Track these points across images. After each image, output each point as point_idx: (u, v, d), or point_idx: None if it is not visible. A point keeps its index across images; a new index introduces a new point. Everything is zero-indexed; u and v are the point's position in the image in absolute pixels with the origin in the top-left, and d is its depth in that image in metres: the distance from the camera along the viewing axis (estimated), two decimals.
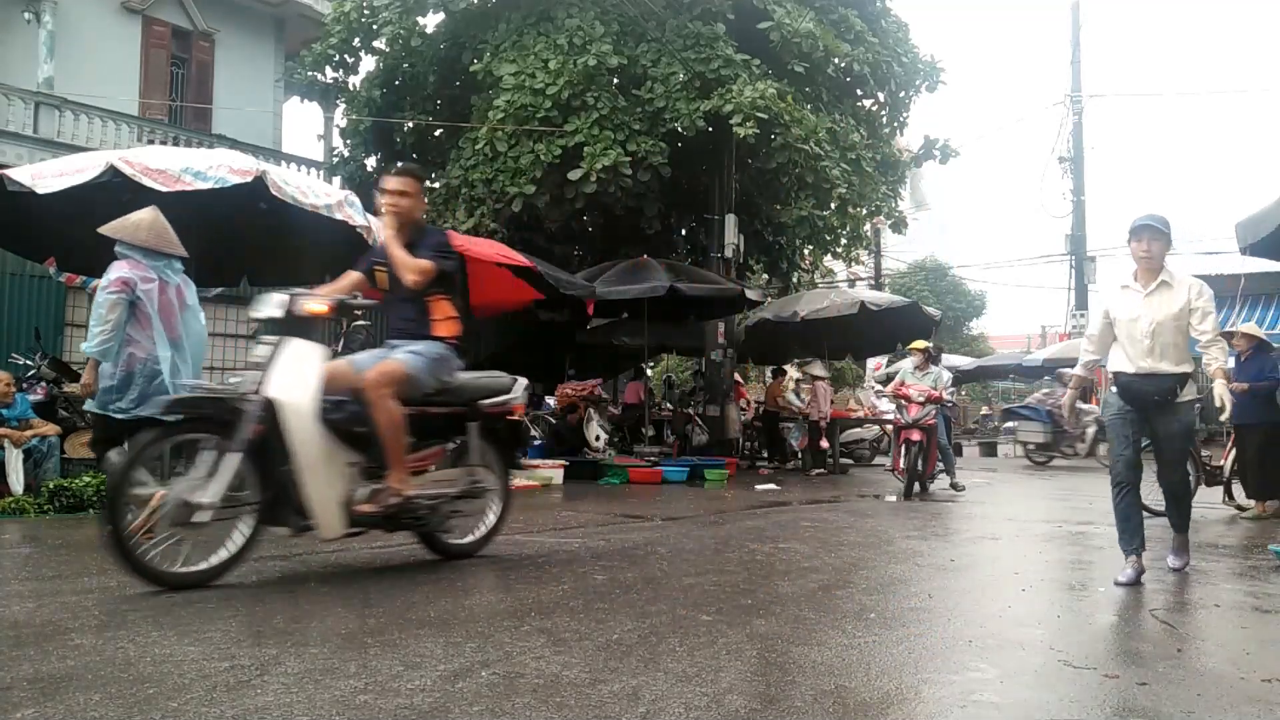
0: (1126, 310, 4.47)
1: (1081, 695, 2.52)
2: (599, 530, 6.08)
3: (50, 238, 8.16)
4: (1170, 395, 4.34)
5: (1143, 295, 4.42)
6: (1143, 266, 4.48)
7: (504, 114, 11.99)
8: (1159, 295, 4.40)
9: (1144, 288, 4.44)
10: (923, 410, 9.21)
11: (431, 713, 2.26)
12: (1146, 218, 4.45)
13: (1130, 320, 4.43)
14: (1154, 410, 4.41)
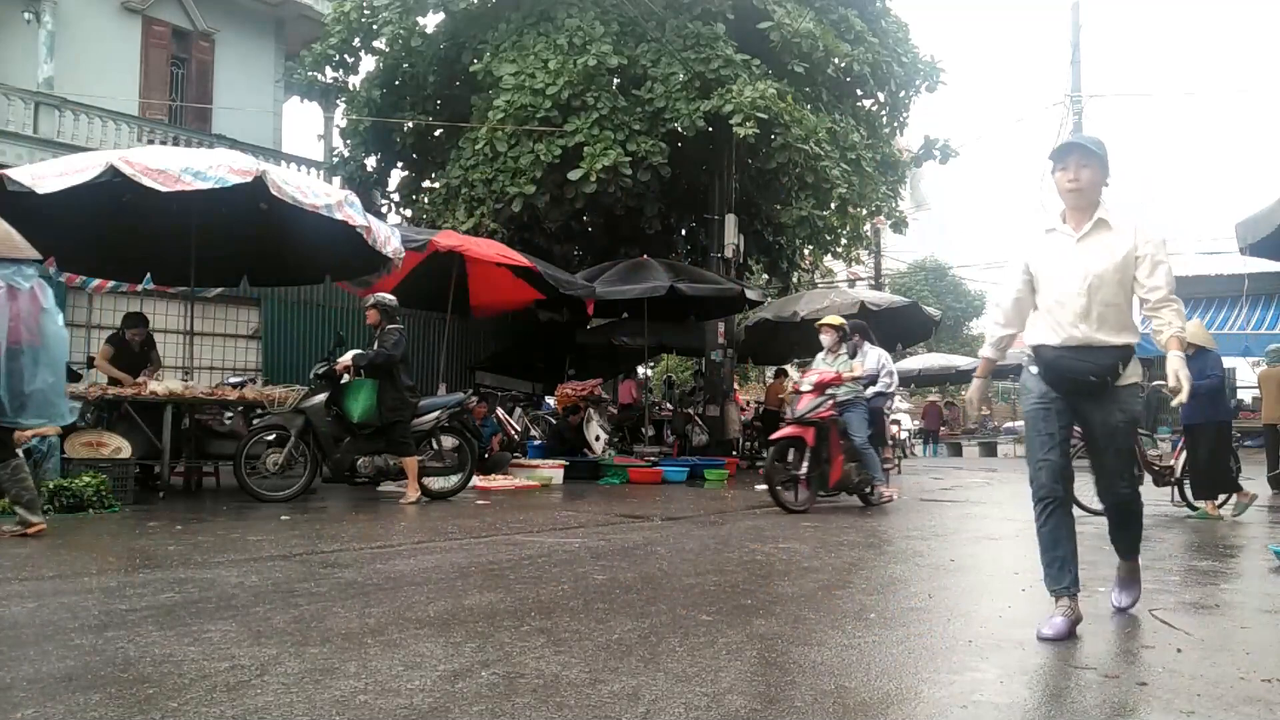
0: (1053, 262, 3.35)
1: (1081, 695, 2.52)
2: (599, 530, 6.08)
3: (50, 238, 8.15)
4: (1110, 375, 3.26)
5: (1074, 241, 3.33)
6: (1071, 202, 3.35)
7: (504, 114, 12.00)
8: (1096, 240, 3.31)
9: (1075, 231, 3.34)
10: (815, 401, 7.43)
11: (431, 713, 2.26)
12: (1074, 137, 3.50)
13: (1058, 276, 3.32)
14: (1088, 398, 3.32)
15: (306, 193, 7.21)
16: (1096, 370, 3.28)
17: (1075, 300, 3.27)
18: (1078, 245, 3.32)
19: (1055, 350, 3.32)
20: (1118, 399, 3.32)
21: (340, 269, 9.23)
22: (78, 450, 7.06)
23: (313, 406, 7.53)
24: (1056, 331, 3.32)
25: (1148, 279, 3.26)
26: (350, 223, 7.43)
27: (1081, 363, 3.28)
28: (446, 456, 8.19)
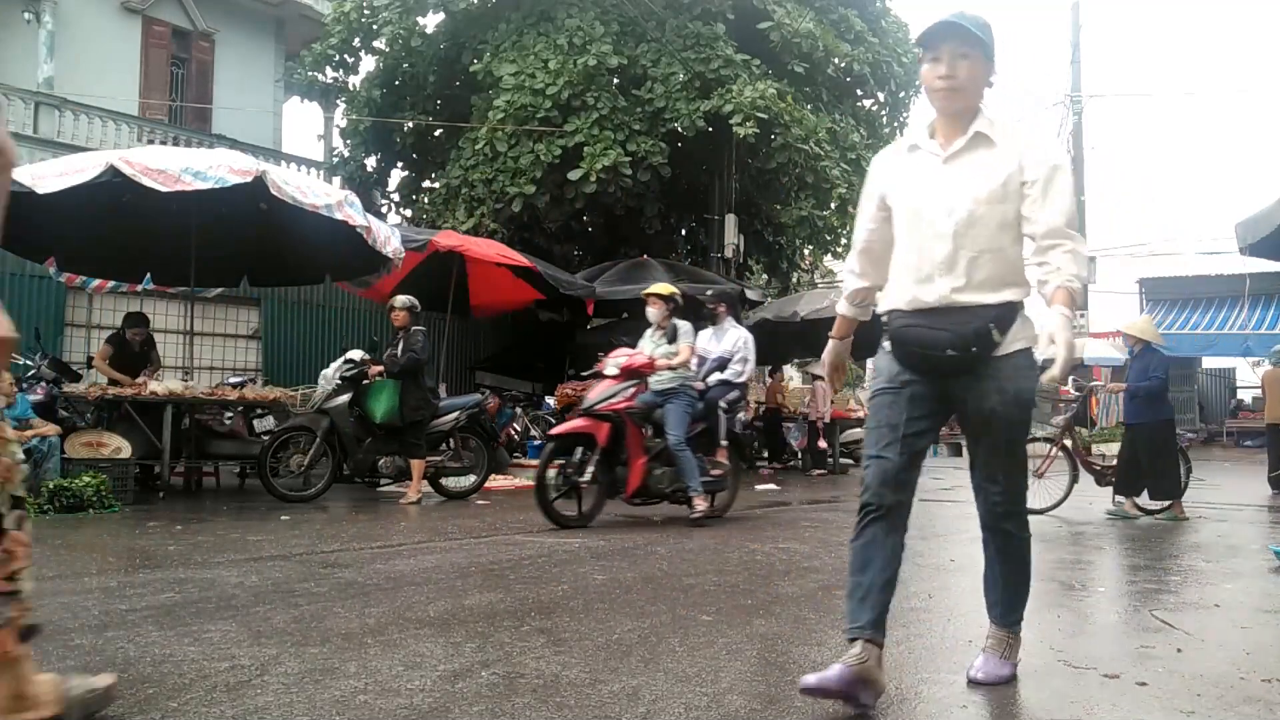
0: (912, 192, 2.49)
1: (1081, 695, 2.52)
2: (599, 530, 6.08)
3: (50, 238, 8.17)
4: (978, 346, 2.38)
5: (940, 162, 2.46)
6: (943, 106, 2.46)
7: (504, 114, 12.00)
8: (970, 162, 2.44)
9: (944, 147, 2.47)
10: (611, 390, 6.20)
11: (431, 713, 2.26)
12: (951, 15, 2.41)
13: (917, 210, 2.47)
14: (956, 378, 2.46)
15: (306, 193, 7.21)
16: (957, 340, 2.38)
17: (937, 245, 2.41)
18: (945, 168, 2.44)
19: (905, 317, 2.48)
20: (996, 375, 2.40)
21: (340, 269, 9.23)
22: (78, 450, 7.06)
23: (337, 407, 7.54)
24: (912, 290, 2.46)
25: (1037, 211, 2.35)
26: (350, 223, 7.43)
27: (936, 331, 2.41)
28: (465, 456, 8.25)
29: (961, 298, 2.40)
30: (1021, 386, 2.42)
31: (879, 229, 2.60)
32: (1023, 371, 2.43)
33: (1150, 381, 7.39)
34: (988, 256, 2.40)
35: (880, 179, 2.61)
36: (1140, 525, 6.99)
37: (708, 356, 7.12)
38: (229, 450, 8.64)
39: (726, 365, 7.07)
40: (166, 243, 8.64)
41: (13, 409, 6.85)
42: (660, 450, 6.41)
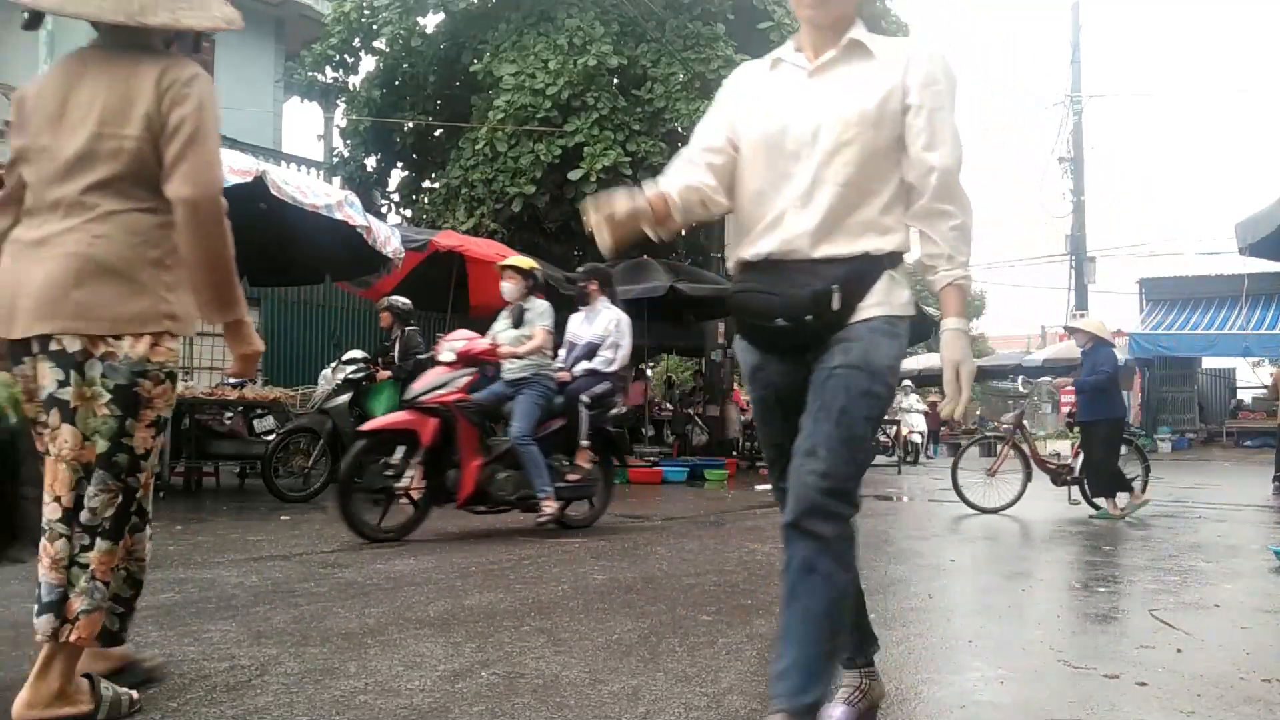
0: (769, 113, 1.98)
1: (1081, 695, 2.52)
2: (599, 530, 6.08)
3: None
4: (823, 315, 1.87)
5: (807, 75, 1.99)
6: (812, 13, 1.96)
7: (504, 114, 12.00)
8: (842, 75, 1.96)
9: (812, 59, 2.00)
10: (440, 379, 5.45)
11: (431, 713, 2.26)
12: None
13: (774, 133, 1.95)
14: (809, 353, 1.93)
15: (306, 193, 7.20)
16: (789, 306, 1.88)
17: (794, 176, 1.91)
18: (811, 83, 1.97)
19: (743, 277, 2.01)
20: (844, 337, 1.89)
21: (340, 269, 9.23)
22: None
23: (337, 408, 7.50)
24: (756, 238, 1.96)
25: (921, 148, 1.87)
26: (350, 223, 7.43)
27: (768, 295, 1.92)
28: None
29: (809, 246, 1.89)
30: (873, 352, 1.86)
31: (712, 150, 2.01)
32: (877, 337, 1.87)
33: (1096, 377, 7.36)
34: (852, 194, 1.88)
35: (730, 102, 2.06)
36: (1138, 525, 6.98)
37: (577, 342, 6.31)
38: (229, 450, 8.63)
39: (594, 352, 6.19)
40: None
41: None
42: (505, 451, 5.61)
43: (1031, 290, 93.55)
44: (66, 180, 2.05)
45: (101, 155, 2.04)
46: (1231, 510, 8.03)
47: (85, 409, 2.02)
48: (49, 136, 2.08)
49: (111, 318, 2.00)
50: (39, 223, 2.06)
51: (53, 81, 2.14)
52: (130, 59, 2.09)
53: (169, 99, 2.04)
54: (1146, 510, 7.55)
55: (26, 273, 2.02)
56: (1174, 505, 8.36)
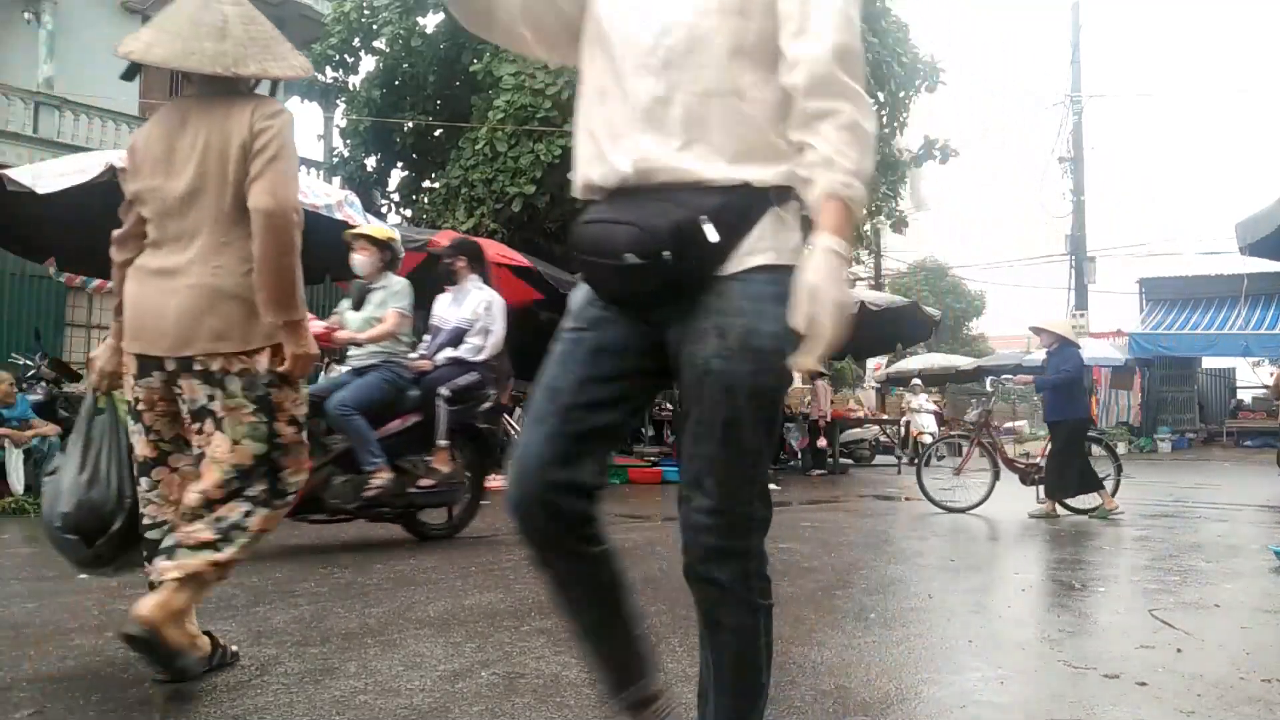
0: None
1: (1081, 695, 2.52)
2: None
3: (50, 238, 8.15)
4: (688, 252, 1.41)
5: None
6: None
7: (504, 114, 12.00)
8: None
9: None
10: None
11: (431, 713, 2.26)
12: None
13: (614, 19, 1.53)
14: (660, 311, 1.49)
15: (306, 193, 7.21)
16: (641, 239, 1.44)
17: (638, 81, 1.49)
18: None
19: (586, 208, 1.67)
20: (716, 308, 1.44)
21: (340, 269, 9.21)
22: None
23: None
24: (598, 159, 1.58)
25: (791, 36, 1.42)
26: (350, 223, 7.43)
27: (615, 226, 1.51)
28: None
29: (669, 164, 1.45)
30: (756, 330, 1.42)
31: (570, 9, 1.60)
32: (762, 305, 1.42)
33: (1056, 376, 7.33)
34: (719, 106, 1.44)
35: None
36: (1133, 526, 6.98)
37: (443, 327, 5.58)
38: None
39: (460, 338, 5.47)
40: None
41: (12, 409, 6.86)
42: (344, 451, 4.84)
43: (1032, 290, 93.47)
44: (180, 215, 2.37)
45: (208, 191, 2.35)
46: (1231, 510, 8.03)
47: (231, 418, 2.38)
48: (160, 178, 2.39)
49: (239, 337, 2.35)
50: (162, 254, 2.41)
51: (157, 129, 2.44)
52: (225, 103, 2.39)
53: (257, 129, 2.34)
54: (1148, 510, 7.55)
55: (159, 301, 2.36)
56: (1174, 505, 8.36)
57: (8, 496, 6.44)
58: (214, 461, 2.39)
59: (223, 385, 2.37)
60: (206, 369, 2.36)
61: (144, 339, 2.39)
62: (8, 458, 6.60)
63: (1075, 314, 22.75)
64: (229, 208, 2.36)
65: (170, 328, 2.34)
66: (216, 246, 2.36)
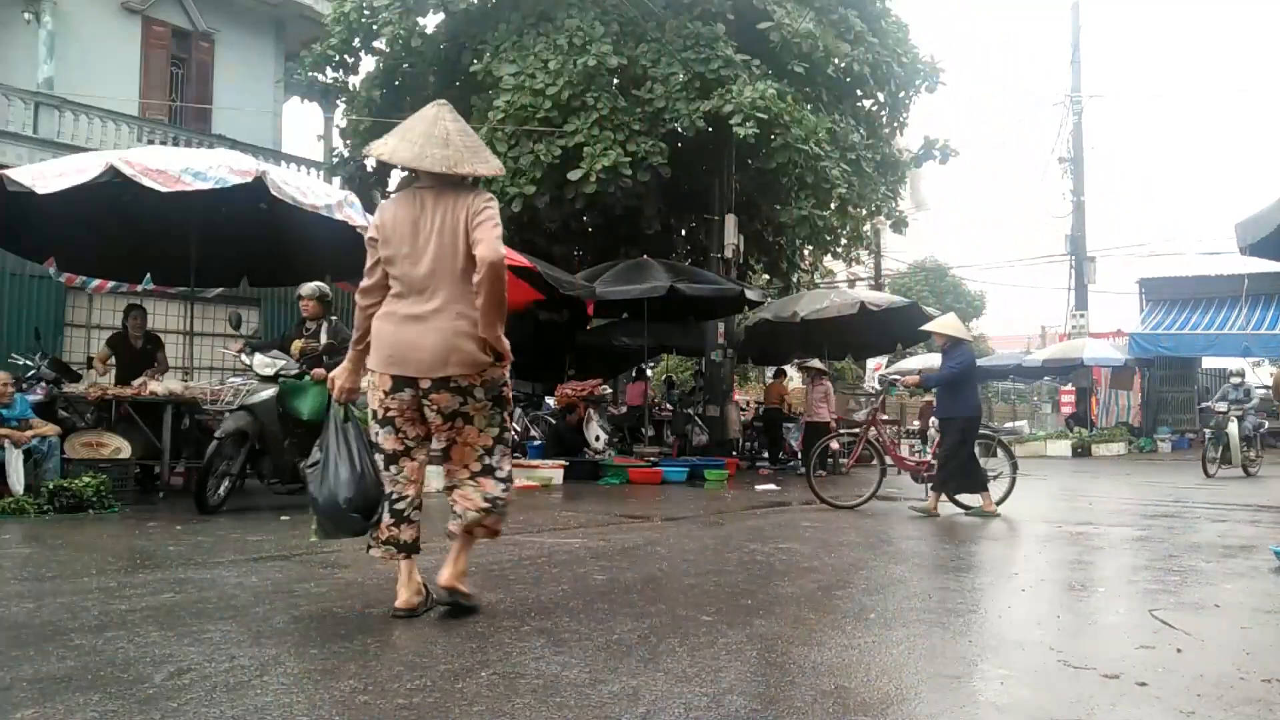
0: None
1: (1081, 695, 2.52)
2: (599, 530, 6.08)
3: (50, 238, 8.17)
4: None
5: None
6: None
7: (504, 114, 12.00)
8: None
9: None
10: None
11: (431, 713, 2.26)
12: None
13: None
14: None
15: (306, 193, 7.20)
16: None
17: None
18: None
19: None
20: None
21: (340, 269, 9.23)
22: (78, 450, 7.06)
23: (263, 404, 6.62)
24: None
25: None
26: (350, 223, 7.43)
27: None
28: None
29: None
30: None
31: None
32: None
33: (944, 372, 7.35)
34: None
35: None
36: (1133, 526, 6.98)
37: None
38: None
39: None
40: (166, 243, 8.63)
41: (12, 409, 6.85)
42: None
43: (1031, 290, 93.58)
44: (427, 276, 3.19)
45: (446, 257, 3.18)
46: (1231, 510, 8.03)
47: (478, 414, 3.28)
48: (408, 246, 3.21)
49: (477, 363, 3.19)
50: (408, 303, 3.22)
51: (401, 210, 3.27)
52: (452, 193, 3.25)
53: (474, 212, 3.19)
54: (1148, 510, 7.54)
55: (419, 337, 3.17)
56: (1174, 505, 8.36)
57: (8, 496, 6.43)
58: (465, 445, 3.32)
59: (470, 393, 3.23)
60: (458, 384, 3.20)
61: (402, 365, 3.18)
62: (8, 458, 6.59)
63: (1075, 314, 22.75)
64: (460, 270, 3.18)
65: (427, 357, 3.15)
66: (454, 298, 3.18)
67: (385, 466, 3.32)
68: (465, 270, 3.18)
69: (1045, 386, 28.82)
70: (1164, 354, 21.16)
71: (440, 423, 3.27)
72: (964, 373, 7.35)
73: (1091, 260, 22.95)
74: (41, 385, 7.62)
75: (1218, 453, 12.32)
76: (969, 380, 7.46)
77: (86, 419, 7.81)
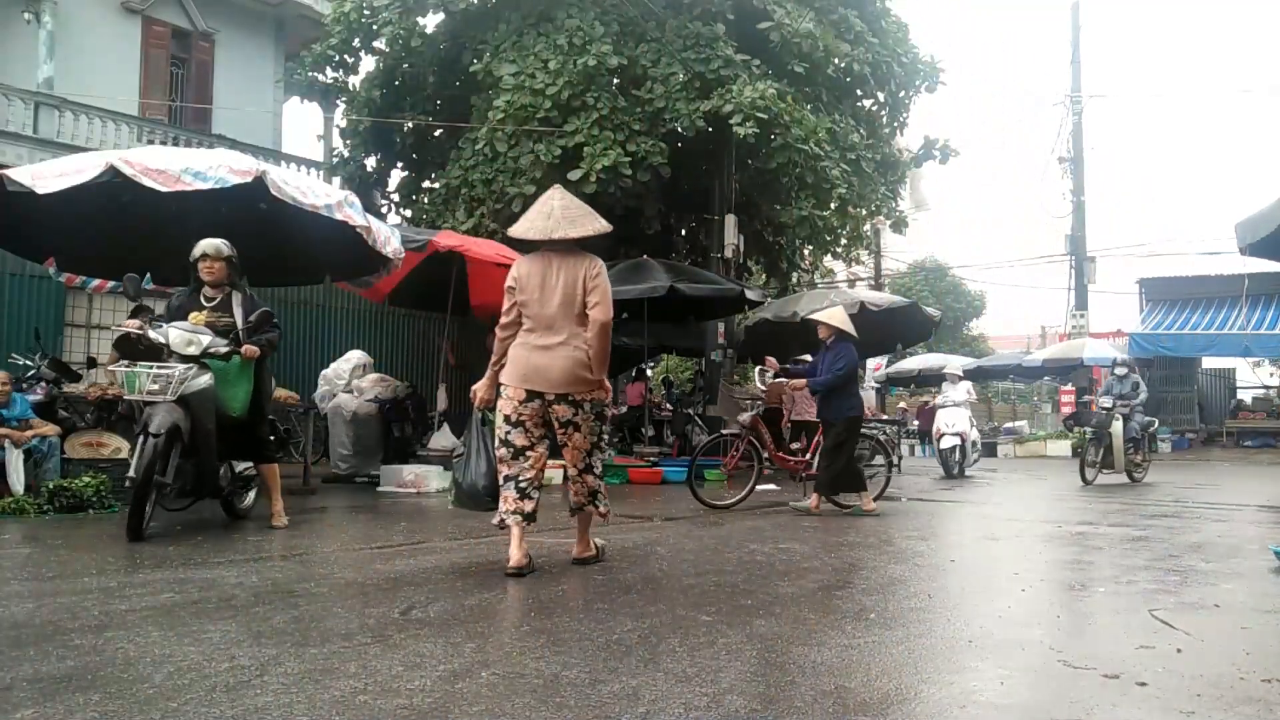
0: None
1: (1081, 695, 2.52)
2: (599, 530, 6.08)
3: (50, 238, 8.16)
4: None
5: None
6: None
7: (504, 114, 12.00)
8: None
9: None
10: None
11: (431, 713, 2.26)
12: None
13: None
14: None
15: (306, 193, 7.19)
16: None
17: None
18: None
19: None
20: None
21: (340, 269, 9.22)
22: (78, 450, 7.06)
23: (201, 393, 5.36)
24: None
25: None
26: (350, 223, 7.42)
27: None
28: None
29: None
30: None
31: None
32: None
33: (830, 377, 7.19)
34: None
35: None
36: (1133, 526, 6.99)
37: None
38: None
39: None
40: (166, 243, 8.61)
41: (12, 409, 6.86)
42: None
43: (1031, 290, 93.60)
44: (553, 317, 4.22)
45: (567, 304, 4.22)
46: (1231, 510, 8.03)
47: (585, 424, 4.31)
48: (539, 294, 4.24)
49: (588, 385, 4.25)
50: (536, 336, 4.24)
51: (533, 267, 4.29)
52: (573, 256, 4.29)
53: (590, 276, 4.24)
54: (1148, 510, 7.55)
55: (548, 364, 4.20)
56: (1174, 505, 8.36)
57: (8, 496, 6.43)
58: (575, 448, 4.34)
59: (581, 407, 4.26)
60: (573, 399, 4.24)
61: (534, 382, 4.21)
62: (8, 458, 6.60)
63: (1075, 314, 22.74)
64: (576, 315, 4.22)
65: (555, 377, 4.19)
66: (573, 334, 4.21)
67: (514, 457, 4.25)
68: (580, 315, 4.21)
69: (1045, 386, 28.88)
70: (1164, 354, 21.15)
71: (558, 427, 4.30)
72: (849, 375, 7.25)
73: (1091, 260, 22.94)
74: (41, 385, 7.62)
75: (1098, 455, 10.97)
76: (852, 381, 7.36)
77: (86, 419, 7.82)
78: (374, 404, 9.75)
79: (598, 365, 4.20)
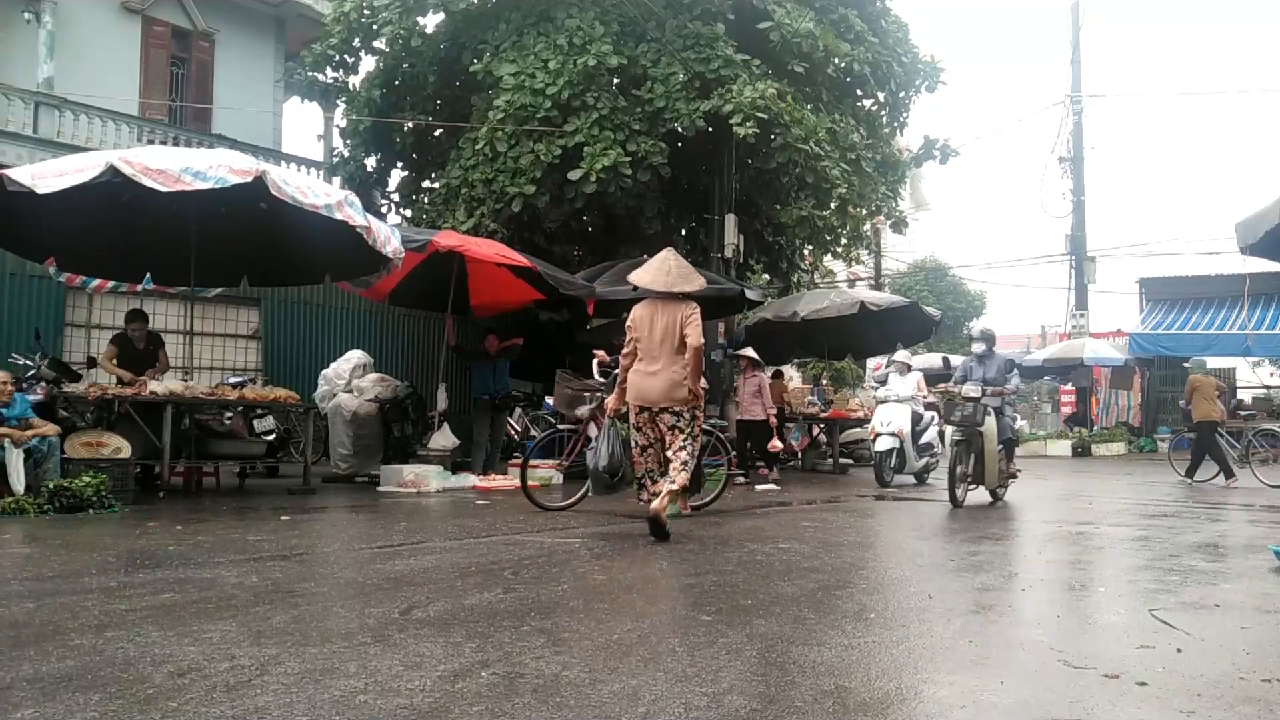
0: None
1: (1081, 695, 2.52)
2: (599, 530, 6.08)
3: (50, 238, 8.16)
4: None
5: None
6: None
7: (504, 114, 11.99)
8: None
9: None
10: None
11: (431, 713, 2.26)
12: None
13: None
14: None
15: (306, 193, 7.20)
16: None
17: None
18: None
19: None
20: None
21: (340, 269, 9.23)
22: (78, 450, 7.05)
23: None
24: None
25: None
26: (350, 223, 7.42)
27: None
28: None
29: None
30: None
31: None
32: None
33: None
34: None
35: None
36: (1133, 526, 6.99)
37: None
38: (229, 450, 8.63)
39: None
40: (166, 243, 8.63)
41: (12, 409, 6.85)
42: None
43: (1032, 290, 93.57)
44: (659, 349, 5.66)
45: (669, 340, 5.64)
46: (1231, 510, 8.03)
47: (685, 429, 5.66)
48: (647, 331, 5.71)
49: (684, 399, 5.64)
50: (647, 364, 5.71)
51: (645, 310, 5.79)
52: (675, 304, 5.74)
53: (685, 317, 5.67)
54: (1148, 510, 7.55)
55: (652, 384, 5.68)
56: (1174, 505, 8.36)
57: (8, 496, 6.43)
58: (672, 440, 5.67)
59: (680, 415, 5.66)
60: (672, 410, 5.65)
61: (644, 398, 5.70)
62: (8, 458, 6.59)
63: (1075, 314, 22.74)
64: (674, 348, 5.64)
65: (657, 395, 5.65)
66: (671, 362, 5.63)
67: (639, 455, 5.86)
68: (678, 348, 5.63)
69: (1045, 386, 28.86)
70: (1164, 354, 21.14)
71: (665, 432, 5.72)
72: None
73: (1091, 260, 22.95)
74: (41, 385, 7.61)
75: (969, 465, 8.03)
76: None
77: (86, 419, 7.81)
78: (374, 404, 9.75)
79: (693, 379, 5.64)
